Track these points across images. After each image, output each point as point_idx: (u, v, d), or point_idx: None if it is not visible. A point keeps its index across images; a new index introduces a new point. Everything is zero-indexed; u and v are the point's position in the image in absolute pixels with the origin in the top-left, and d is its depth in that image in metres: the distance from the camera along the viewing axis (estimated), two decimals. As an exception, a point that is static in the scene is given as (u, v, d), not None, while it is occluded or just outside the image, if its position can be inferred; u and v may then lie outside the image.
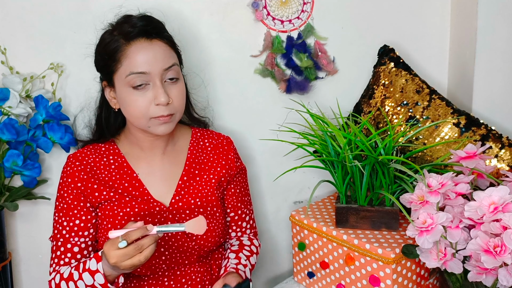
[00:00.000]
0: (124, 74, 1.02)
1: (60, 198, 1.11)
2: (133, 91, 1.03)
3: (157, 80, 1.02)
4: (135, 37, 1.02)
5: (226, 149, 1.21)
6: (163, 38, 1.05)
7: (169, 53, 1.05)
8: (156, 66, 1.02)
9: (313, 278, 1.23)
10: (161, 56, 1.03)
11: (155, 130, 1.06)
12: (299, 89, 1.36)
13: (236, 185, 1.22)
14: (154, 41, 1.03)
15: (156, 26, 1.07)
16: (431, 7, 1.40)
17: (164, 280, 1.12)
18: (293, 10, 1.34)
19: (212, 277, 1.18)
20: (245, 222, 1.25)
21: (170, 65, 1.04)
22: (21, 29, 1.25)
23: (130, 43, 1.02)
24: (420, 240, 0.92)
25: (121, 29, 1.04)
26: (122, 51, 1.02)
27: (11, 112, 1.19)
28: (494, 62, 1.29)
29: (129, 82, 1.02)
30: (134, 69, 1.01)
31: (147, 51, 1.02)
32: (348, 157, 1.10)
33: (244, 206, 1.24)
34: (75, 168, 1.10)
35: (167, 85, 1.05)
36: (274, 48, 1.34)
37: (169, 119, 1.05)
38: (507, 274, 0.84)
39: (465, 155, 1.04)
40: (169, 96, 1.04)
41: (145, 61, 1.01)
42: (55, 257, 1.09)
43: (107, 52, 1.05)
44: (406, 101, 1.29)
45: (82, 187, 1.09)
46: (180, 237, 1.10)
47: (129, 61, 1.02)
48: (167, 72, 1.04)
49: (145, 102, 1.03)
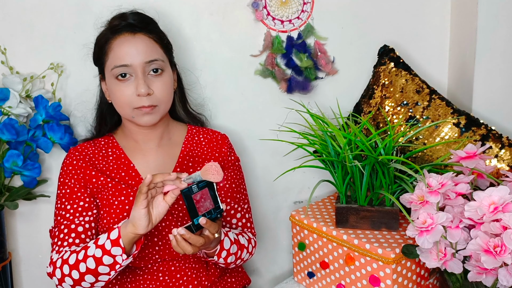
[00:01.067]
0: (110, 66, 1.08)
1: (61, 186, 1.12)
2: (118, 82, 1.08)
3: (139, 72, 1.06)
4: (120, 31, 1.08)
5: (220, 143, 1.24)
6: (149, 33, 1.10)
7: (152, 47, 1.09)
8: (137, 59, 1.06)
9: (313, 278, 1.23)
10: (143, 49, 1.07)
11: (139, 120, 1.10)
12: (301, 88, 1.37)
13: (227, 179, 1.23)
14: (137, 35, 1.08)
15: (143, 21, 1.11)
16: (431, 7, 1.40)
17: (159, 275, 1.13)
18: (293, 10, 1.34)
19: (208, 274, 1.18)
20: (236, 219, 1.23)
21: (153, 59, 1.08)
22: (21, 29, 1.25)
23: (115, 37, 1.08)
24: (420, 240, 0.92)
25: (110, 23, 1.11)
26: (108, 44, 1.09)
27: (11, 112, 1.19)
28: (494, 62, 1.29)
29: (114, 74, 1.08)
30: (117, 62, 1.07)
31: (129, 44, 1.07)
32: (348, 157, 1.10)
33: (234, 203, 1.22)
34: (74, 158, 1.13)
35: (150, 78, 1.09)
36: (274, 48, 1.34)
37: (150, 110, 1.08)
38: (507, 274, 0.84)
39: (465, 155, 1.04)
40: (151, 88, 1.07)
41: (126, 54, 1.06)
42: (58, 240, 1.07)
43: (98, 45, 1.12)
44: (406, 101, 1.29)
45: (81, 174, 1.12)
46: (174, 227, 1.10)
47: (113, 53, 1.07)
48: (150, 65, 1.08)
49: (128, 92, 1.07)
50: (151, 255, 1.11)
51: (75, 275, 1.00)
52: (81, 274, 1.00)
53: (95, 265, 0.98)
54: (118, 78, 1.07)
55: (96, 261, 0.98)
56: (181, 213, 1.14)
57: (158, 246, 1.11)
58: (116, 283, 1.14)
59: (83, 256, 0.99)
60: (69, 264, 1.01)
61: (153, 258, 1.12)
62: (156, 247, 1.11)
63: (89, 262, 0.98)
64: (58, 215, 1.10)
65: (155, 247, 1.11)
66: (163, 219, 1.11)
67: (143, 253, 1.10)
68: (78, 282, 1.01)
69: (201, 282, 1.17)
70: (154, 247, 1.11)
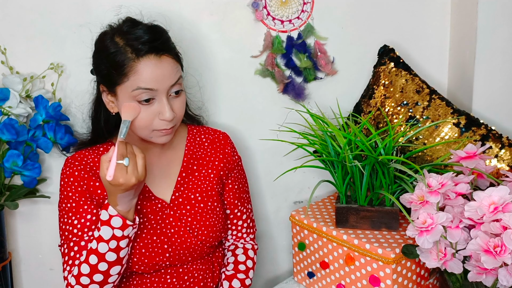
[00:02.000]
0: (131, 88, 1.01)
1: (65, 200, 1.08)
2: (139, 104, 1.02)
3: (163, 96, 1.02)
4: (145, 54, 1.00)
5: (223, 143, 1.23)
6: (171, 53, 1.04)
7: (176, 68, 1.04)
8: (164, 83, 1.01)
9: (313, 278, 1.23)
10: (168, 72, 1.02)
11: (157, 140, 1.07)
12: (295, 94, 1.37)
13: (234, 180, 1.23)
14: (163, 57, 1.01)
15: (164, 40, 1.04)
16: (431, 7, 1.40)
17: (166, 278, 1.13)
18: (293, 10, 1.34)
19: (214, 275, 1.19)
20: (242, 221, 1.25)
21: (176, 80, 1.04)
22: (21, 29, 1.25)
23: (139, 59, 0.99)
24: (420, 240, 0.92)
25: (129, 41, 1.01)
26: (131, 66, 1.00)
27: (11, 112, 1.19)
28: (494, 62, 1.29)
29: (135, 96, 1.01)
30: (142, 84, 1.00)
31: (156, 68, 1.00)
32: (348, 157, 1.10)
33: (240, 204, 1.24)
34: (74, 168, 1.09)
35: (171, 99, 1.04)
36: (274, 48, 1.34)
37: (171, 131, 1.06)
38: (507, 274, 0.84)
39: (465, 155, 1.04)
40: (173, 111, 1.04)
41: (154, 79, 1.00)
42: (69, 259, 1.04)
43: (112, 63, 1.01)
44: (406, 101, 1.29)
45: (85, 186, 1.08)
46: (183, 233, 1.11)
47: (137, 76, 1.00)
48: (173, 87, 1.04)
49: (149, 116, 1.02)
50: (161, 262, 1.10)
51: (97, 278, 0.99)
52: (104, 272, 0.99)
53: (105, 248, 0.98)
54: (142, 103, 1.01)
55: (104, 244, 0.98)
56: (190, 218, 1.13)
57: (169, 253, 1.11)
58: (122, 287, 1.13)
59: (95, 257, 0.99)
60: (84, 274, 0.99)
61: (162, 265, 1.11)
62: (166, 254, 1.10)
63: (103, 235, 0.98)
64: (66, 231, 1.07)
65: (165, 254, 1.10)
66: (172, 226, 1.11)
67: (154, 261, 1.09)
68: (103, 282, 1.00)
69: (207, 283, 1.18)
70: (165, 254, 1.10)
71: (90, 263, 0.98)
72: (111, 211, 0.97)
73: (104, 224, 0.98)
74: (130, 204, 0.99)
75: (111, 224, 0.97)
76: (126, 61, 1.00)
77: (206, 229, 1.13)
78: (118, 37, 1.02)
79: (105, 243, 0.98)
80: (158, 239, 1.10)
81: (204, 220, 1.14)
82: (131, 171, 0.94)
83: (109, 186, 0.95)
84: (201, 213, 1.14)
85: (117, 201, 0.97)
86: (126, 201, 0.98)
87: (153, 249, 1.09)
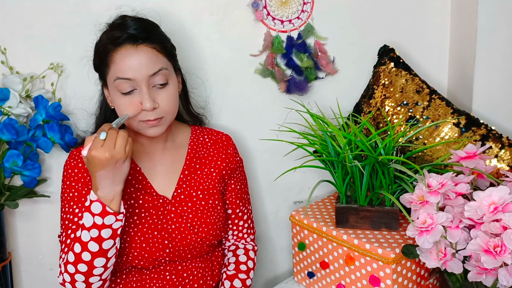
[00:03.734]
0: (112, 78, 1.04)
1: (67, 189, 1.08)
2: (121, 95, 1.04)
3: (143, 86, 1.02)
4: (121, 43, 1.03)
5: (225, 144, 1.24)
6: (151, 42, 1.04)
7: (156, 58, 1.04)
8: (141, 72, 1.02)
9: (313, 278, 1.23)
10: (146, 62, 1.02)
11: (145, 132, 1.07)
12: (298, 89, 1.36)
13: (236, 181, 1.24)
14: (140, 46, 1.03)
15: (145, 30, 1.05)
16: (431, 7, 1.40)
17: (165, 274, 1.14)
18: (293, 10, 1.34)
19: (213, 273, 1.20)
20: (242, 221, 1.26)
21: (157, 70, 1.03)
22: (21, 29, 1.25)
23: (116, 49, 1.03)
24: (420, 240, 0.92)
25: (112, 33, 1.05)
26: (110, 56, 1.03)
27: (11, 112, 1.19)
28: (494, 62, 1.29)
29: (117, 87, 1.03)
30: (120, 74, 1.02)
31: (131, 58, 1.02)
32: (348, 157, 1.10)
33: (242, 205, 1.25)
34: (79, 160, 1.10)
35: (155, 90, 1.05)
36: (274, 48, 1.34)
37: (157, 122, 1.05)
38: (507, 274, 0.84)
39: (465, 155, 1.04)
40: (156, 101, 1.04)
41: (129, 68, 1.01)
42: (65, 246, 1.03)
43: (98, 55, 1.07)
44: (406, 101, 1.29)
45: (88, 177, 1.09)
46: (184, 229, 1.12)
47: (115, 66, 1.03)
48: (154, 77, 1.03)
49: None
50: (161, 258, 1.11)
51: (81, 268, 0.98)
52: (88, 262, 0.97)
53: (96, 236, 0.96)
54: (124, 94, 1.03)
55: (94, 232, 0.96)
56: (191, 215, 1.14)
57: (169, 249, 1.11)
58: (121, 282, 1.14)
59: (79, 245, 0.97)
60: (70, 262, 0.98)
61: (162, 260, 1.12)
62: (166, 250, 1.11)
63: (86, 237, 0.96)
64: (66, 219, 1.07)
65: (165, 250, 1.11)
66: (173, 222, 1.12)
67: (154, 256, 1.10)
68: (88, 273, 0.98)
69: (206, 282, 1.18)
70: (165, 250, 1.11)
71: (74, 251, 0.98)
72: (92, 196, 0.96)
73: (86, 211, 0.96)
74: (112, 190, 0.97)
75: (91, 210, 0.96)
76: (106, 52, 1.04)
77: (207, 227, 1.14)
78: (106, 30, 1.08)
79: (86, 231, 0.96)
80: (159, 234, 1.10)
81: (204, 217, 1.14)
82: (107, 145, 0.93)
83: (87, 163, 0.95)
84: (202, 210, 1.15)
85: (97, 184, 0.95)
86: (106, 185, 0.96)
87: (154, 244, 1.09)
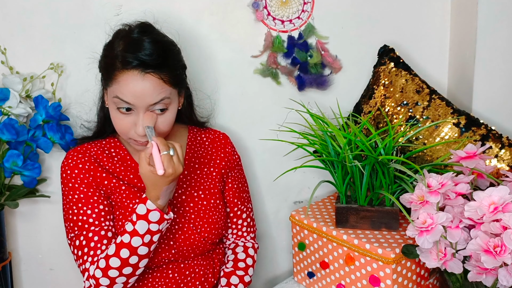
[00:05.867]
0: (112, 94, 1.02)
1: (71, 191, 1.06)
2: (117, 111, 1.03)
3: (141, 111, 1.01)
4: (130, 68, 0.99)
5: (223, 143, 1.24)
6: (161, 72, 1.01)
7: (161, 88, 1.01)
8: (142, 101, 1.00)
9: (313, 278, 1.23)
10: (150, 91, 1.00)
11: (135, 147, 1.08)
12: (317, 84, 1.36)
13: (234, 179, 1.24)
14: (147, 75, 0.99)
15: (159, 56, 1.01)
16: (431, 7, 1.40)
17: (168, 273, 1.14)
18: (294, 10, 1.34)
19: (214, 271, 1.20)
20: (241, 220, 1.26)
21: (158, 100, 1.01)
22: (21, 29, 1.25)
23: (124, 71, 0.99)
24: (420, 240, 0.92)
25: (124, 50, 1.01)
26: (115, 74, 1.00)
27: (11, 112, 1.19)
28: (494, 62, 1.29)
29: (115, 103, 1.02)
30: (120, 96, 1.00)
31: (136, 84, 0.99)
32: (348, 157, 1.10)
33: (241, 203, 1.25)
34: (78, 161, 1.09)
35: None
36: (275, 47, 1.34)
37: (146, 144, 1.03)
38: (507, 274, 0.84)
39: (465, 155, 1.04)
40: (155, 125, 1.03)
41: (132, 94, 0.99)
42: (90, 249, 1.02)
43: (105, 63, 1.05)
44: (406, 101, 1.29)
45: (91, 178, 1.08)
46: (187, 230, 1.13)
47: (118, 86, 1.00)
48: (155, 105, 1.02)
49: (126, 124, 1.03)
50: (166, 258, 1.11)
51: (126, 271, 1.00)
52: (134, 265, 1.00)
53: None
54: (120, 110, 1.02)
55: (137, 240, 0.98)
56: (193, 215, 1.14)
57: (174, 249, 1.12)
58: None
59: (126, 250, 0.98)
60: (114, 267, 0.99)
61: (166, 260, 1.12)
62: (172, 250, 1.11)
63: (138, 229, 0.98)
64: (78, 221, 1.04)
65: (171, 250, 1.11)
66: (176, 222, 1.12)
67: (160, 256, 1.10)
68: (131, 274, 1.01)
69: (208, 279, 1.19)
70: (171, 250, 1.11)
71: (121, 257, 0.98)
72: (150, 205, 0.98)
73: (140, 219, 0.98)
74: (168, 197, 1.00)
75: (148, 218, 0.98)
76: (113, 68, 1.01)
77: (209, 226, 1.15)
78: (121, 41, 1.03)
79: (139, 237, 0.98)
80: (164, 236, 1.10)
81: (207, 217, 1.15)
82: (177, 160, 0.96)
83: (155, 179, 0.95)
84: (204, 210, 1.15)
85: (160, 195, 0.97)
86: (167, 194, 0.99)
87: (159, 245, 1.09)
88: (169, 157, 0.95)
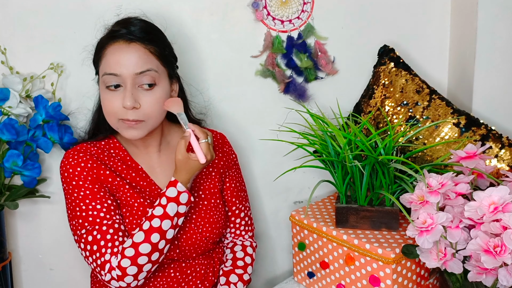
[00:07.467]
0: (101, 73, 1.04)
1: (75, 189, 1.05)
2: (107, 90, 1.04)
3: (128, 83, 1.01)
4: (116, 38, 1.03)
5: (221, 143, 1.25)
6: (146, 43, 1.03)
7: (147, 57, 1.02)
8: (127, 69, 1.01)
9: (313, 278, 1.23)
10: (135, 59, 1.01)
11: (123, 133, 1.06)
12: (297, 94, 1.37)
13: (231, 179, 1.24)
14: (132, 44, 1.02)
15: (143, 29, 1.04)
16: (431, 7, 1.40)
17: (170, 272, 1.15)
18: (293, 10, 1.34)
19: (214, 270, 1.21)
20: (240, 218, 1.26)
21: (144, 70, 1.02)
22: (21, 29, 1.25)
23: (110, 43, 1.04)
24: (420, 240, 0.92)
25: (112, 28, 1.07)
26: (103, 50, 1.04)
27: (11, 112, 1.19)
28: (494, 62, 1.29)
29: (104, 81, 1.03)
30: (107, 69, 1.02)
31: (121, 53, 1.01)
32: (348, 157, 1.10)
33: (239, 202, 1.25)
34: (79, 159, 1.08)
35: (140, 91, 1.03)
36: (275, 48, 1.34)
37: (135, 124, 1.03)
38: (507, 274, 0.84)
39: (465, 155, 1.04)
40: (139, 101, 1.02)
41: (117, 63, 1.01)
42: (106, 242, 1.01)
43: (96, 48, 1.08)
44: (406, 101, 1.29)
45: (94, 175, 1.07)
46: (189, 230, 1.13)
47: (105, 61, 1.03)
48: (141, 77, 1.02)
49: (115, 102, 1.02)
50: (169, 257, 1.12)
51: (155, 256, 1.02)
52: (161, 250, 1.03)
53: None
54: (109, 88, 1.02)
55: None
56: (194, 215, 1.15)
57: (178, 249, 1.12)
58: None
59: (157, 235, 1.01)
60: (144, 253, 1.00)
61: (171, 259, 1.13)
62: (176, 250, 1.12)
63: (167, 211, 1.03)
64: (89, 217, 1.03)
65: (175, 250, 1.12)
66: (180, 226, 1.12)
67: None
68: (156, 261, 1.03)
69: (208, 278, 1.19)
70: (175, 250, 1.12)
71: (152, 242, 1.00)
72: (180, 187, 1.04)
73: (171, 201, 1.02)
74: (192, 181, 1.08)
75: (179, 200, 1.03)
76: (102, 45, 1.05)
77: (210, 226, 1.15)
78: (110, 27, 1.09)
79: (169, 220, 1.02)
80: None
81: (208, 217, 1.15)
82: (212, 147, 1.04)
83: (192, 165, 1.03)
84: (205, 210, 1.16)
85: (190, 178, 1.05)
86: (193, 178, 1.07)
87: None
88: (208, 144, 1.02)
